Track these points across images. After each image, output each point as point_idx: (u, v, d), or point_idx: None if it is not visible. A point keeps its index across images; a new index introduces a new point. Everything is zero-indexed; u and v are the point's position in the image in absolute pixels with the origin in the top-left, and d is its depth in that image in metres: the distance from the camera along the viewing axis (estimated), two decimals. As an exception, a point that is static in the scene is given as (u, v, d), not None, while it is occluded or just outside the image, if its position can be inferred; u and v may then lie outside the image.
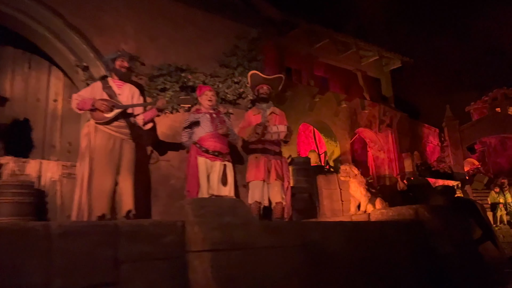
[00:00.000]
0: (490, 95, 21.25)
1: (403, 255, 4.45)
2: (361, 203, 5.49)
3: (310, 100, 11.60)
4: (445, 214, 4.88)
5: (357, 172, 5.43)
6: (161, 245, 3.03)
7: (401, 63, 13.58)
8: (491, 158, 20.65)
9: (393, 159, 13.47)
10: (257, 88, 5.31)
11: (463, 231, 5.14)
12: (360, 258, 4.10)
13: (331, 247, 3.98)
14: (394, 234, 4.51)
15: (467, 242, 5.11)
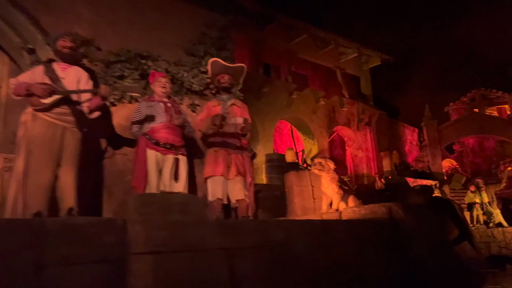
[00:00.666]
0: (469, 96, 21.40)
1: (375, 256, 4.16)
2: (333, 200, 5.19)
3: (287, 97, 11.31)
4: (420, 212, 4.62)
5: (333, 167, 5.12)
6: (97, 246, 2.63)
7: (380, 61, 13.42)
8: (469, 159, 20.76)
9: (372, 158, 13.30)
10: (217, 78, 4.95)
11: (439, 231, 4.89)
12: (329, 259, 3.79)
13: (297, 247, 3.66)
14: (365, 233, 4.22)
15: (442, 243, 4.86)
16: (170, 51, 5.34)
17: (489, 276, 9.71)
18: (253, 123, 10.45)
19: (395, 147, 17.47)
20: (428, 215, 4.78)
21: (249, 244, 3.32)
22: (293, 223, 3.86)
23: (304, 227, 3.83)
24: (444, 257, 4.80)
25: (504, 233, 12.80)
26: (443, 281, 4.50)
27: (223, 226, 3.11)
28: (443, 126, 15.58)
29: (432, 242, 4.48)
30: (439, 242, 4.68)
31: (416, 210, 4.59)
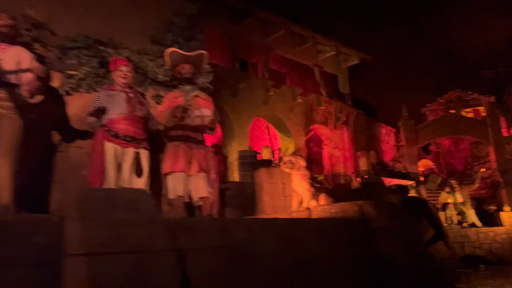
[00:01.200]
0: (445, 97, 21.65)
1: (345, 256, 3.95)
2: (303, 198, 4.97)
3: (264, 94, 11.08)
4: (392, 212, 4.43)
5: (303, 164, 4.90)
6: (28, 247, 2.33)
7: (358, 59, 13.34)
8: (445, 159, 20.98)
9: (349, 157, 13.19)
10: (178, 69, 4.64)
11: (412, 231, 4.72)
12: (295, 260, 3.55)
13: (261, 247, 3.41)
14: (335, 232, 4.00)
15: (415, 243, 4.70)
16: (134, 38, 5.03)
17: (463, 276, 9.72)
18: (228, 119, 10.22)
19: (373, 147, 17.46)
20: (401, 214, 4.59)
21: (206, 245, 3.05)
22: (256, 222, 3.60)
23: (268, 226, 3.59)
24: (417, 257, 4.64)
25: (477, 233, 12.90)
26: (415, 282, 4.33)
27: (176, 226, 2.83)
28: (420, 126, 15.61)
29: (405, 242, 4.30)
30: (412, 242, 4.50)
31: (388, 209, 4.40)
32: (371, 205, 4.25)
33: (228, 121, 10.05)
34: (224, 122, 10.12)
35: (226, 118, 10.07)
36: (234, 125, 10.07)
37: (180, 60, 4.62)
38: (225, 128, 10.10)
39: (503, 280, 9.19)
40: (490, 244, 12.74)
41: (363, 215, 4.27)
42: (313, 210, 4.48)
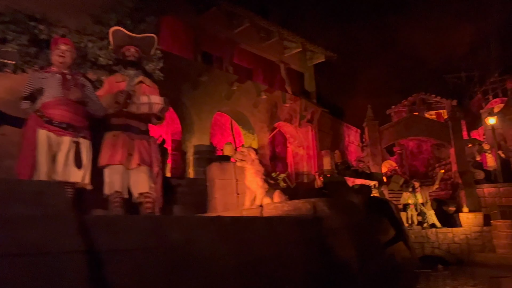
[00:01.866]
0: (410, 100, 22.01)
1: (297, 257, 3.64)
2: (256, 195, 4.63)
3: (227, 88, 10.70)
4: (348, 210, 4.17)
5: (255, 157, 4.56)
6: None
7: (324, 58, 13.20)
8: (408, 161, 21.31)
9: (313, 156, 13.02)
10: (122, 51, 4.20)
11: (369, 231, 4.47)
12: (241, 262, 3.21)
13: (201, 249, 3.04)
14: (286, 232, 3.69)
15: (372, 243, 4.47)
16: (73, 16, 4.53)
17: (422, 276, 9.71)
18: (188, 113, 9.77)
19: (337, 146, 17.44)
20: (357, 213, 4.34)
21: (133, 246, 2.65)
22: (196, 220, 3.23)
23: (211, 224, 3.22)
24: (373, 259, 4.41)
25: (437, 233, 13.04)
26: (371, 284, 4.09)
27: (93, 224, 2.43)
28: (384, 127, 15.69)
29: (361, 242, 4.05)
30: (369, 242, 4.26)
31: (343, 207, 4.14)
32: (325, 203, 3.98)
33: (188, 115, 9.61)
34: (184, 116, 9.68)
35: (186, 112, 9.63)
36: (194, 119, 9.64)
37: (124, 41, 4.18)
38: (185, 123, 9.65)
39: (460, 280, 9.23)
40: (448, 245, 12.91)
41: (316, 214, 4.00)
42: (265, 208, 4.16)
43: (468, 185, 14.16)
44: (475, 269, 11.26)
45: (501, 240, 11.37)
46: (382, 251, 5.74)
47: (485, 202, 13.91)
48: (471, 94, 22.71)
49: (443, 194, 15.58)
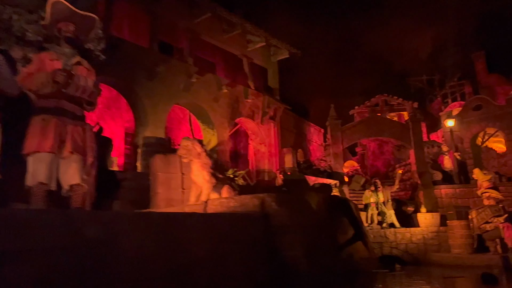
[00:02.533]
0: (372, 101, 22.28)
1: (241, 257, 3.29)
2: (203, 190, 4.24)
3: (186, 80, 10.22)
4: (298, 207, 3.87)
5: (201, 150, 4.17)
6: None
7: (289, 54, 12.94)
8: (370, 161, 21.55)
9: (274, 153, 12.75)
10: (59, 26, 3.70)
11: (322, 230, 4.19)
12: (173, 263, 2.82)
13: (126, 248, 2.63)
14: (228, 230, 3.33)
15: (325, 243, 4.19)
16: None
17: (379, 276, 9.62)
18: (142, 104, 9.23)
19: (301, 145, 17.31)
20: (309, 210, 4.04)
21: (42, 245, 2.23)
22: (119, 217, 2.81)
23: (136, 222, 2.81)
24: (326, 258, 4.13)
25: (395, 233, 13.08)
26: (321, 285, 3.80)
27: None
28: (346, 126, 15.66)
29: (311, 242, 3.76)
30: (322, 241, 3.97)
31: (293, 204, 3.83)
32: (273, 199, 3.65)
33: (141, 107, 9.08)
34: (137, 108, 9.14)
35: (140, 103, 9.10)
36: (148, 111, 9.11)
37: (64, 16, 3.68)
38: (138, 115, 9.11)
39: (415, 280, 9.20)
40: (406, 245, 12.98)
41: (264, 210, 3.67)
42: (209, 204, 3.79)
43: (426, 186, 14.34)
44: (431, 269, 11.34)
45: (456, 240, 11.51)
46: (338, 251, 5.50)
47: (442, 203, 14.13)
48: (432, 98, 23.24)
49: (402, 194, 15.74)
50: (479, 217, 11.21)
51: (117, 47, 8.60)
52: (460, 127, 16.30)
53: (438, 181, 14.84)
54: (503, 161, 15.68)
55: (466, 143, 16.34)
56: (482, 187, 11.72)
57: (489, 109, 16.01)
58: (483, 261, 10.55)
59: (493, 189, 11.57)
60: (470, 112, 16.51)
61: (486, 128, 16.10)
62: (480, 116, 16.16)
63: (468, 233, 11.41)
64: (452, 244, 11.68)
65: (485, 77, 22.21)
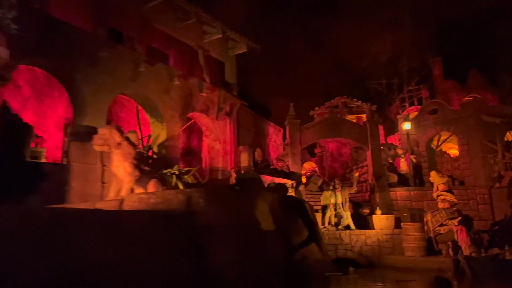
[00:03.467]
0: (332, 102, 22.25)
1: (155, 263, 2.71)
2: (123, 184, 3.61)
3: (133, 68, 9.46)
4: (232, 204, 3.32)
5: (120, 139, 3.54)
6: None
7: (247, 48, 12.43)
8: (328, 162, 21.45)
9: (230, 151, 12.20)
10: None
11: (254, 229, 3.66)
12: (63, 269, 2.21)
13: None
14: (141, 231, 2.74)
15: (260, 244, 3.67)
16: None
17: (332, 280, 9.28)
18: (81, 92, 8.41)
19: (259, 144, 16.87)
20: (245, 208, 3.50)
21: None
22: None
23: (14, 220, 2.18)
24: (258, 261, 3.60)
25: (350, 235, 12.85)
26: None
27: None
28: (305, 126, 15.35)
29: (245, 244, 3.22)
30: (254, 243, 3.44)
31: (226, 201, 3.28)
32: (202, 195, 3.09)
33: (80, 95, 8.25)
34: (76, 96, 8.31)
35: (79, 91, 8.27)
36: (88, 100, 8.30)
37: None
38: (77, 103, 8.28)
39: (368, 284, 8.94)
40: (361, 247, 12.78)
41: (191, 208, 3.10)
42: (127, 200, 3.17)
43: (382, 188, 14.26)
44: (385, 272, 11.18)
45: (409, 243, 11.42)
46: (290, 253, 5.02)
47: (397, 205, 14.09)
48: (390, 101, 23.51)
49: (359, 196, 15.63)
50: (434, 219, 11.17)
51: (56, 29, 7.78)
52: (416, 130, 16.42)
53: (393, 184, 14.82)
54: (456, 165, 15.90)
55: (422, 146, 16.49)
56: (438, 190, 11.72)
57: (445, 113, 16.23)
58: (435, 264, 10.49)
59: (448, 192, 11.60)
60: (426, 116, 16.68)
61: (441, 132, 16.31)
62: (435, 120, 16.35)
63: (422, 236, 11.35)
64: (405, 247, 11.57)
65: (441, 83, 22.73)
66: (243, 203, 3.66)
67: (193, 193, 3.08)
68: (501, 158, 14.05)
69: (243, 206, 3.55)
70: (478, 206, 14.29)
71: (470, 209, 14.12)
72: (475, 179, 14.88)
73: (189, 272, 2.86)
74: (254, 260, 3.29)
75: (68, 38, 8.07)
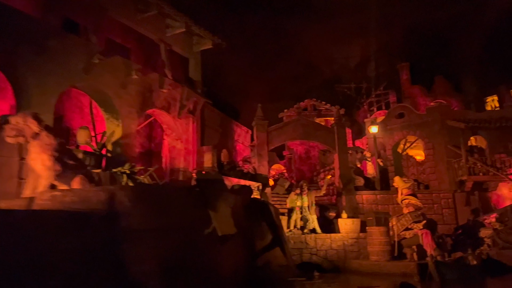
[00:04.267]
0: (302, 105, 22.12)
1: (63, 274, 2.20)
2: (41, 179, 3.06)
3: (86, 60, 8.80)
4: (165, 204, 2.84)
5: (38, 129, 3.00)
6: None
7: (212, 44, 11.95)
8: (296, 165, 21.23)
9: (192, 151, 11.65)
10: None
11: (190, 231, 3.18)
12: None
13: None
14: (48, 235, 2.23)
15: (197, 248, 3.19)
16: None
17: (297, 285, 8.93)
18: (25, 84, 7.70)
19: (226, 145, 16.38)
20: (181, 208, 3.02)
21: None
22: None
23: None
24: (206, 268, 3.13)
25: (316, 239, 12.56)
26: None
27: None
28: (273, 128, 15.00)
29: (176, 251, 2.74)
30: (190, 247, 2.97)
31: (157, 200, 2.80)
32: (127, 193, 2.60)
33: (25, 86, 7.55)
34: (20, 87, 7.60)
35: (23, 81, 7.57)
36: (33, 92, 7.60)
37: None
38: (20, 95, 7.57)
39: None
40: (326, 251, 12.52)
41: (113, 208, 2.61)
42: (38, 199, 2.64)
43: (349, 191, 14.09)
44: (349, 277, 10.95)
45: (374, 247, 11.24)
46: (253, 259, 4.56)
47: (363, 209, 13.95)
48: (359, 105, 23.60)
49: (325, 199, 15.43)
50: (399, 223, 11.03)
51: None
52: (383, 134, 16.41)
53: (360, 187, 14.70)
54: (421, 169, 15.96)
55: (388, 150, 16.49)
56: (402, 194, 11.62)
57: (411, 117, 16.30)
58: (400, 268, 10.33)
59: (412, 196, 11.51)
60: (393, 120, 16.72)
61: (407, 136, 16.37)
62: (402, 124, 16.40)
63: (387, 240, 11.20)
64: (370, 251, 11.39)
65: (408, 88, 23.00)
66: (180, 203, 3.17)
67: (117, 191, 2.59)
68: (465, 162, 14.17)
69: (180, 207, 3.07)
70: (442, 210, 14.37)
71: (434, 213, 14.18)
72: (440, 183, 14.97)
73: (109, 285, 2.35)
74: (192, 267, 2.82)
75: (11, 24, 7.37)
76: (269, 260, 9.46)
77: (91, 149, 8.78)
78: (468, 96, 22.16)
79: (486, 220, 13.30)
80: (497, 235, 11.27)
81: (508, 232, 11.26)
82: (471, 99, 21.61)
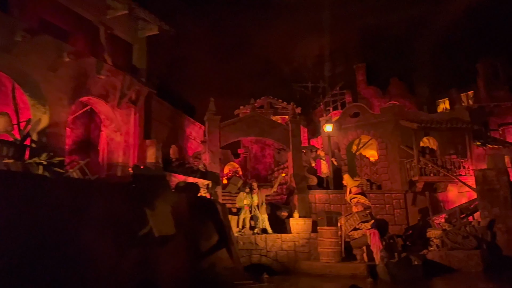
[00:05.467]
0: (258, 102, 21.59)
1: None
2: None
3: (8, 38, 7.74)
4: (30, 198, 2.09)
5: None
6: None
7: (158, 29, 11.11)
8: (252, 164, 20.70)
9: (133, 145, 10.74)
10: None
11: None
12: None
13: None
14: None
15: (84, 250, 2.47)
16: None
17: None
18: None
19: (176, 140, 15.53)
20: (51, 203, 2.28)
21: None
22: None
23: None
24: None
25: (266, 240, 12.01)
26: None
27: None
28: (226, 123, 14.29)
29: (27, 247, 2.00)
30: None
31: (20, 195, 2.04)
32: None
33: None
34: None
35: None
36: None
37: None
38: None
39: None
40: (276, 252, 12.00)
41: None
42: None
43: (301, 190, 13.68)
44: (300, 279, 10.50)
45: (325, 248, 10.86)
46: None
47: (316, 208, 13.58)
48: (315, 105, 23.42)
49: (278, 198, 14.98)
50: (347, 223, 10.68)
51: None
52: (338, 133, 16.20)
53: (313, 186, 14.34)
54: (374, 169, 15.87)
55: (342, 149, 16.30)
56: (351, 193, 11.30)
57: (366, 117, 16.20)
58: (349, 270, 9.97)
59: (361, 194, 11.21)
60: (348, 119, 16.55)
61: (361, 136, 16.25)
62: (357, 124, 16.26)
63: (337, 241, 10.85)
64: (321, 252, 10.99)
65: (364, 89, 23.12)
66: (53, 196, 2.43)
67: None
68: (417, 163, 14.17)
69: (51, 201, 2.33)
70: (394, 210, 14.29)
71: (386, 213, 14.06)
72: (392, 183, 14.90)
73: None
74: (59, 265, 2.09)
75: None
76: (214, 262, 8.79)
77: (11, 138, 7.75)
78: (421, 98, 22.56)
79: (435, 220, 13.32)
80: (446, 235, 11.20)
81: (456, 232, 11.23)
82: (424, 101, 21.99)
